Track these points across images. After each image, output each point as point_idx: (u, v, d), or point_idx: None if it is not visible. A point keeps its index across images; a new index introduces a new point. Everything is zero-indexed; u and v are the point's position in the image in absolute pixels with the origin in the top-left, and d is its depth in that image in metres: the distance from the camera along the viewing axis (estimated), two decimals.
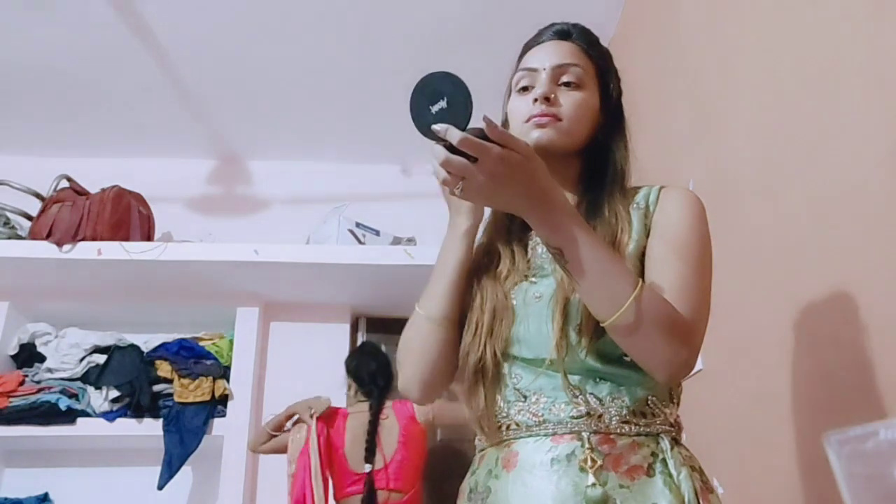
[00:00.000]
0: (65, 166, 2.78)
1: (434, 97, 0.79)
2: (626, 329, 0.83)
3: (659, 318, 0.84)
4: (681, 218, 0.97)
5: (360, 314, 2.97)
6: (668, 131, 1.93)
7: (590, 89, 1.03)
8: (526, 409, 0.92)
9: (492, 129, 0.77)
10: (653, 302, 0.84)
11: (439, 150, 0.78)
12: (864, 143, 1.07)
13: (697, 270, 0.92)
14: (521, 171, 0.80)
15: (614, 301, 0.83)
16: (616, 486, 0.84)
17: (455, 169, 0.78)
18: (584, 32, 1.08)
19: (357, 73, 2.65)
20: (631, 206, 1.00)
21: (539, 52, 1.05)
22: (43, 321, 2.65)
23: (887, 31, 1.02)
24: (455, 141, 0.76)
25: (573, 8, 2.11)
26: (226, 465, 2.51)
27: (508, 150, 0.78)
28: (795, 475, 1.26)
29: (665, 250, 0.93)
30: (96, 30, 2.41)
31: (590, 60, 1.05)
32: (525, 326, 0.94)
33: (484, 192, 0.80)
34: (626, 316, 0.82)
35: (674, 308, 0.86)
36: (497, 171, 0.78)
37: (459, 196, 0.81)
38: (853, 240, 1.10)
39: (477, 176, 0.78)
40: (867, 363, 1.05)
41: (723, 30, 1.62)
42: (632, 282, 0.84)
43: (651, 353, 0.85)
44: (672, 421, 0.94)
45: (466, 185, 0.79)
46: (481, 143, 0.76)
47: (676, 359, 0.86)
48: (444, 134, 0.77)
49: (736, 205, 1.51)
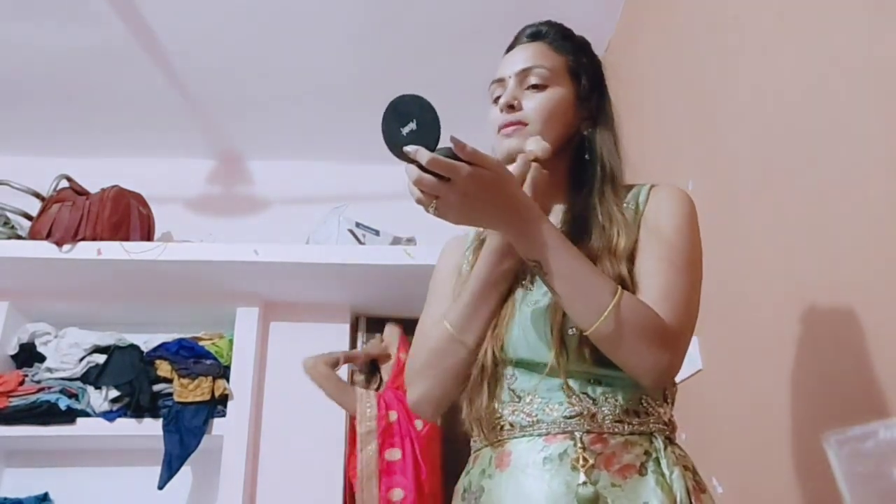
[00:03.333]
0: (65, 166, 2.78)
1: (404, 119, 0.81)
2: (608, 337, 0.85)
3: (640, 326, 0.85)
4: (670, 218, 0.97)
5: (360, 314, 2.97)
6: (668, 131, 1.93)
7: (558, 86, 1.02)
8: (520, 410, 0.92)
9: (460, 147, 0.79)
10: (634, 309, 0.85)
11: (412, 169, 0.79)
12: (864, 143, 1.07)
13: (684, 272, 0.92)
14: (492, 187, 0.81)
15: (595, 310, 0.84)
16: (608, 485, 0.85)
17: (427, 188, 0.79)
18: (556, 29, 1.07)
19: (357, 72, 2.65)
20: (623, 207, 0.99)
21: (507, 59, 1.06)
22: (43, 321, 2.64)
23: (887, 32, 1.02)
24: (424, 161, 0.78)
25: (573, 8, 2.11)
26: (226, 465, 2.50)
27: (478, 167, 0.80)
28: (795, 475, 1.26)
29: (653, 252, 0.94)
30: (96, 30, 2.40)
31: (558, 56, 1.04)
32: (522, 330, 0.94)
33: (457, 211, 0.82)
34: (607, 324, 0.83)
35: (655, 314, 0.87)
36: (468, 189, 0.80)
37: (434, 215, 0.82)
38: (853, 240, 1.10)
39: (449, 195, 0.80)
40: (867, 363, 1.05)
41: (723, 30, 1.62)
42: (611, 290, 0.85)
43: (635, 360, 0.86)
44: (666, 420, 0.94)
45: (440, 203, 0.80)
46: (450, 163, 0.78)
47: (659, 365, 0.87)
48: (415, 155, 0.78)
49: (736, 205, 1.51)
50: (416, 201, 0.82)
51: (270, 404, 2.71)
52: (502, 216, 0.84)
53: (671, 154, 1.90)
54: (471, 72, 1.14)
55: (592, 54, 1.10)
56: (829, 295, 1.17)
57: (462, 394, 0.99)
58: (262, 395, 2.73)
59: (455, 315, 0.96)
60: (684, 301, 0.90)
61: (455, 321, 0.96)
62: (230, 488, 2.48)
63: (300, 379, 2.74)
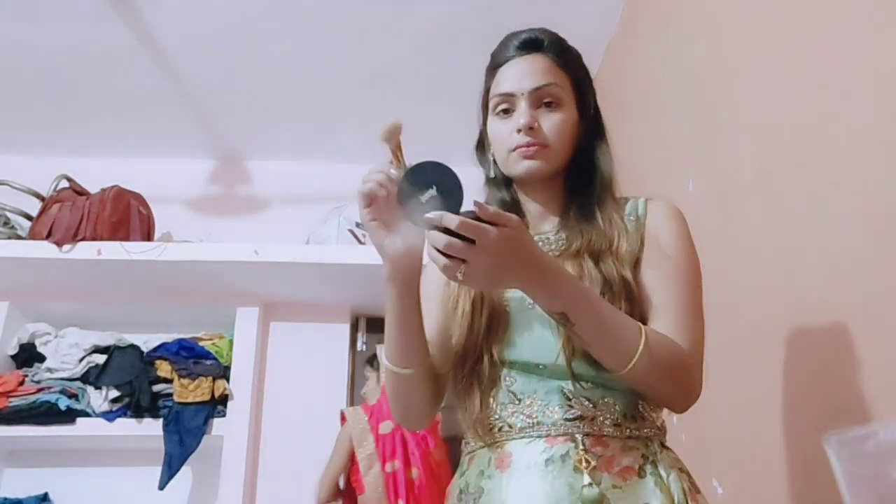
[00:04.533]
0: (65, 166, 2.78)
1: (424, 186, 0.80)
2: (640, 377, 0.88)
3: (668, 363, 0.89)
4: (672, 238, 0.99)
5: (360, 314, 2.97)
6: (668, 132, 1.93)
7: (568, 104, 1.03)
8: (519, 412, 0.93)
9: (483, 210, 0.78)
10: (659, 347, 0.88)
11: (438, 236, 0.78)
12: (864, 143, 1.07)
13: (691, 291, 0.97)
14: (517, 245, 0.81)
15: (625, 353, 0.86)
16: (609, 487, 0.86)
17: (457, 252, 0.78)
18: (554, 40, 1.06)
19: (357, 73, 2.65)
20: (624, 215, 1.01)
21: (513, 71, 1.03)
22: (43, 321, 2.65)
23: (888, 31, 1.02)
24: (454, 225, 0.76)
25: (573, 8, 2.11)
26: (226, 465, 2.50)
27: (502, 227, 0.79)
28: (795, 475, 1.26)
29: (662, 271, 0.97)
30: (96, 30, 2.40)
31: (564, 73, 1.04)
32: (521, 331, 0.95)
33: (485, 273, 0.80)
34: (640, 366, 0.86)
35: (679, 347, 0.91)
36: (496, 248, 0.78)
37: (460, 282, 0.81)
38: (853, 240, 1.10)
39: (479, 257, 0.78)
40: (867, 363, 1.05)
41: (723, 30, 1.62)
42: (637, 331, 0.87)
43: (666, 393, 0.92)
44: (659, 425, 0.97)
45: (469, 268, 0.79)
46: (478, 225, 0.77)
47: (688, 393, 0.93)
48: (440, 221, 0.77)
49: (736, 205, 1.51)
50: (441, 269, 0.80)
51: (270, 404, 2.71)
52: (526, 273, 0.83)
53: (671, 154, 1.90)
54: (471, 72, 1.14)
55: (585, 66, 1.11)
56: (828, 295, 1.17)
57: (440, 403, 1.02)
58: (262, 395, 2.73)
59: (390, 353, 0.97)
60: (696, 319, 0.95)
61: (393, 357, 0.96)
62: (230, 488, 2.48)
63: (300, 379, 2.75)
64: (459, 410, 1.01)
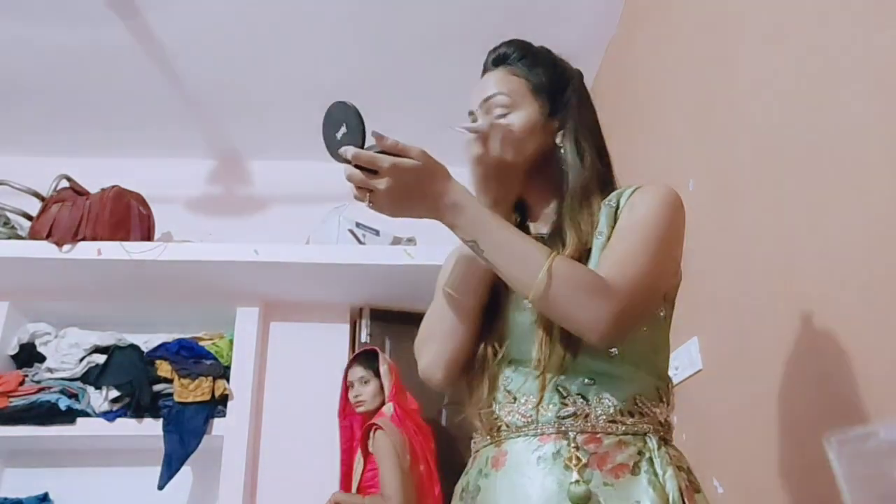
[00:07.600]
0: (65, 166, 2.77)
1: (337, 125, 0.90)
2: (547, 299, 0.87)
3: (575, 281, 0.87)
4: (645, 203, 0.98)
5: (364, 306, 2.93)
6: (668, 131, 1.93)
7: (523, 106, 1.05)
8: (515, 411, 0.94)
9: (381, 141, 0.86)
10: (567, 267, 0.88)
11: (348, 168, 0.87)
12: (864, 143, 1.07)
13: (646, 245, 0.93)
14: (416, 174, 0.87)
15: (531, 274, 0.87)
16: (600, 484, 0.86)
17: (357, 182, 0.86)
18: (515, 48, 1.10)
19: (356, 73, 2.64)
20: (603, 204, 1.01)
21: (475, 89, 1.10)
22: (43, 321, 2.64)
23: (887, 31, 1.02)
24: (349, 157, 0.86)
25: (573, 8, 2.12)
26: (226, 465, 2.50)
27: (401, 158, 0.86)
28: (795, 475, 1.26)
29: (621, 227, 0.96)
30: (96, 30, 2.40)
31: (517, 78, 1.07)
32: (514, 327, 0.97)
33: (389, 201, 0.87)
34: (543, 284, 0.86)
35: (592, 272, 0.90)
36: (394, 178, 0.86)
37: (372, 208, 0.88)
38: (853, 239, 1.10)
39: (378, 185, 0.86)
40: (867, 363, 1.06)
41: (723, 29, 1.62)
42: (545, 253, 0.88)
43: (576, 316, 0.87)
44: (661, 420, 0.95)
45: (373, 196, 0.87)
46: (372, 155, 0.86)
47: (600, 316, 0.86)
48: (346, 154, 0.86)
49: (736, 205, 1.51)
50: (354, 198, 0.88)
51: (270, 404, 2.71)
52: (433, 201, 0.89)
53: (671, 154, 1.90)
54: (470, 73, 1.15)
55: (554, 65, 1.11)
56: (828, 295, 1.17)
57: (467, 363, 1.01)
58: (262, 395, 2.73)
59: (453, 279, 1.01)
60: (637, 268, 0.90)
61: (453, 284, 1.01)
62: (230, 488, 2.48)
63: (300, 379, 2.75)
64: (466, 403, 1.02)
